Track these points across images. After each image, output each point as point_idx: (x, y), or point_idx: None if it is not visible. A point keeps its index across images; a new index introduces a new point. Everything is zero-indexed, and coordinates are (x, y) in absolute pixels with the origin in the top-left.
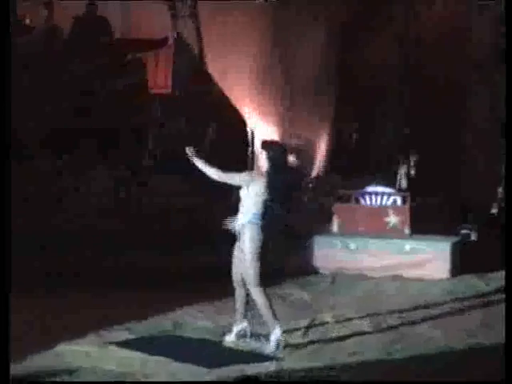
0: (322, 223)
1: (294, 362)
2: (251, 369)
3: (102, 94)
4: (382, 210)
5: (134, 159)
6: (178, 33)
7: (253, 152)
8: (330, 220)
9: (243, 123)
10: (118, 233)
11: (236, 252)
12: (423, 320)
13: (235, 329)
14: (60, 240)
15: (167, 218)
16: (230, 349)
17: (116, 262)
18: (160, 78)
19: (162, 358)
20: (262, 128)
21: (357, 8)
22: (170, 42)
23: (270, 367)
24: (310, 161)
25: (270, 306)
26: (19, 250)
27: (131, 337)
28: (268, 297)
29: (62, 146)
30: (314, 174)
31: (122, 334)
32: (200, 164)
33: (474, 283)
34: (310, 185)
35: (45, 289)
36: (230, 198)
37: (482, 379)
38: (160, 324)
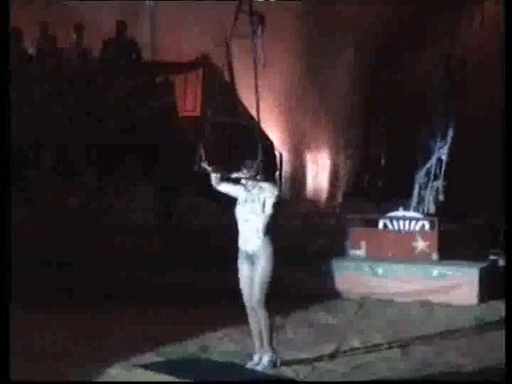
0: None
1: None
2: None
3: (136, 114)
4: (409, 235)
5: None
6: (207, 56)
7: (281, 175)
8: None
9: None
10: (158, 251)
11: (247, 272)
12: (451, 347)
13: (256, 358)
14: (102, 256)
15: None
16: (257, 373)
17: (152, 279)
18: (189, 101)
19: (188, 381)
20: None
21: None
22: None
23: None
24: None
25: (271, 330)
26: (62, 265)
27: (158, 359)
28: (270, 321)
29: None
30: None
31: (148, 357)
32: (213, 177)
33: (502, 309)
34: None
35: (73, 305)
36: None
37: None
38: (187, 347)
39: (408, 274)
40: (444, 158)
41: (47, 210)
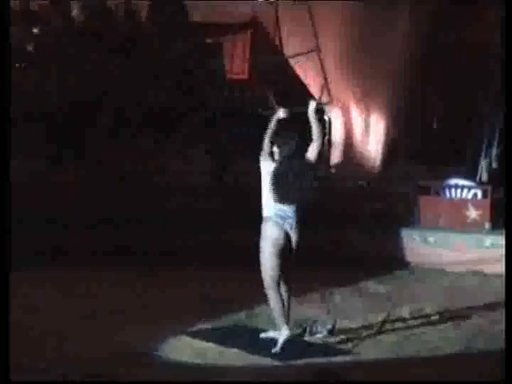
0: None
1: (371, 356)
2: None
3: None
4: (462, 204)
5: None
6: (256, 18)
7: (330, 140)
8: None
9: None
10: (213, 212)
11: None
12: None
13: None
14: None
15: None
16: (305, 342)
17: (206, 240)
18: (237, 63)
19: (235, 350)
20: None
21: None
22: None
23: (345, 360)
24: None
25: (282, 307)
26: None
27: (205, 327)
28: (281, 297)
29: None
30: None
31: (196, 324)
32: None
33: None
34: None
35: (128, 266)
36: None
37: None
38: (234, 314)
39: (460, 243)
40: (498, 124)
41: (105, 171)
